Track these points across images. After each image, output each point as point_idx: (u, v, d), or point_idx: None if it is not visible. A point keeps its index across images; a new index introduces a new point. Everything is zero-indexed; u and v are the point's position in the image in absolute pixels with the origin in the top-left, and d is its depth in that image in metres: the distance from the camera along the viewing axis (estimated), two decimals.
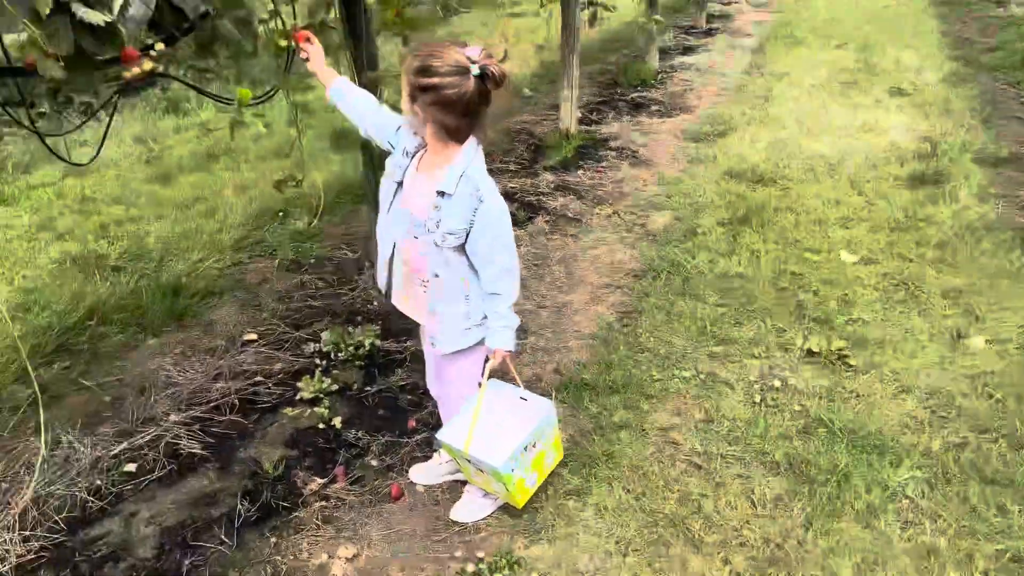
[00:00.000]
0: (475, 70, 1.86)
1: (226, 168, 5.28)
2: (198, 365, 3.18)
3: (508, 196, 4.71)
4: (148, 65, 1.84)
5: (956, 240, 3.94)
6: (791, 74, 7.30)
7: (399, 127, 2.13)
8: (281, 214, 4.47)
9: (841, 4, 10.92)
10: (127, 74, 1.84)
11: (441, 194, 1.97)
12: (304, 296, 3.69)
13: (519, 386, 2.28)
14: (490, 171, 2.06)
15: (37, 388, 2.72)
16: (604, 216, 4.54)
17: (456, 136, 1.96)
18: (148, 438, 2.76)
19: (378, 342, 3.27)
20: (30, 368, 2.90)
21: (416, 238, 2.05)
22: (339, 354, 3.21)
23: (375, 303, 3.61)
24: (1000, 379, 2.89)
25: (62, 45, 1.64)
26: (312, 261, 4.02)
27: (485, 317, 2.13)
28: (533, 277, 3.84)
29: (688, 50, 8.65)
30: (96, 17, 1.64)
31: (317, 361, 3.18)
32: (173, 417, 2.87)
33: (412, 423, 2.83)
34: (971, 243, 3.90)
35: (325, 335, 3.28)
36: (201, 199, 4.70)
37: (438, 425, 2.54)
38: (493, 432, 2.18)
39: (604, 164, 5.33)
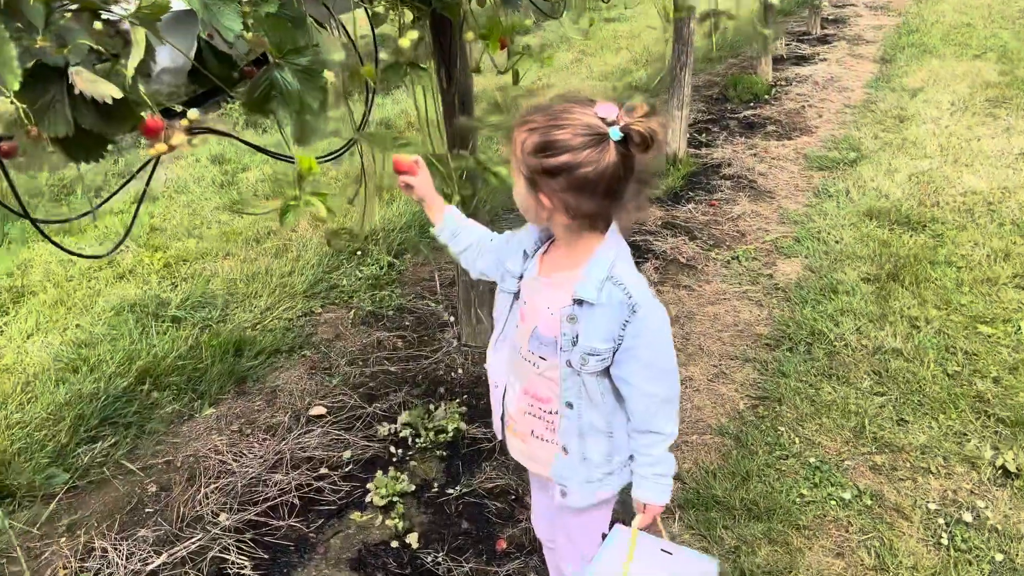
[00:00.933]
0: (614, 134, 1.34)
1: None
2: (256, 447, 2.75)
3: None
4: (178, 139, 1.38)
5: None
6: (925, 89, 6.49)
7: (508, 240, 1.65)
8: (359, 253, 4.04)
9: (971, 7, 9.90)
10: (151, 151, 1.38)
11: (579, 303, 1.46)
12: (380, 359, 3.22)
13: (664, 538, 1.70)
14: None
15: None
16: (722, 263, 3.94)
17: (596, 224, 1.45)
18: (192, 548, 2.34)
19: (463, 426, 2.77)
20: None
21: (544, 359, 1.55)
22: (417, 440, 2.73)
23: (460, 370, 3.12)
24: None
25: (56, 126, 1.19)
26: (391, 313, 3.56)
27: (630, 457, 1.60)
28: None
29: (802, 60, 7.88)
30: (106, 90, 1.17)
31: (392, 450, 2.70)
32: (224, 519, 2.44)
33: (502, 543, 2.33)
34: None
35: (403, 417, 2.81)
36: (274, 233, 4.31)
37: (540, 566, 2.02)
38: None
39: (718, 196, 4.72)
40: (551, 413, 1.58)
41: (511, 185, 1.51)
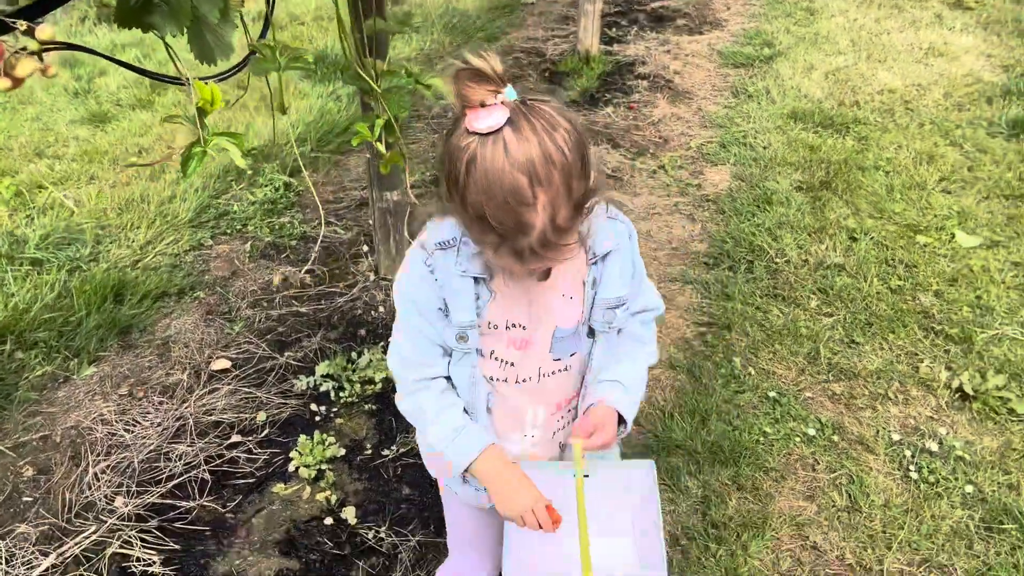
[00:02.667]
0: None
1: (177, 104, 4.28)
2: (152, 413, 2.37)
3: None
4: (28, 67, 0.96)
5: None
6: None
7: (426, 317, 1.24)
8: (249, 172, 3.55)
9: None
10: None
11: (600, 258, 1.21)
12: (287, 299, 2.85)
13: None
14: None
15: None
16: (648, 173, 3.71)
17: None
18: (86, 544, 1.99)
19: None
20: None
21: (574, 353, 1.28)
22: (341, 393, 2.42)
23: (381, 307, 2.80)
24: None
25: None
26: (294, 243, 3.16)
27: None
28: None
29: None
30: None
31: (313, 407, 2.39)
32: (121, 505, 2.09)
33: None
34: None
35: (321, 367, 2.48)
36: (146, 150, 3.74)
37: None
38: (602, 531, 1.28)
39: (635, 98, 4.44)
40: (573, 404, 1.33)
41: (445, 99, 1.16)
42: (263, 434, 2.31)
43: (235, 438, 2.29)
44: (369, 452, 2.25)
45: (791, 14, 5.62)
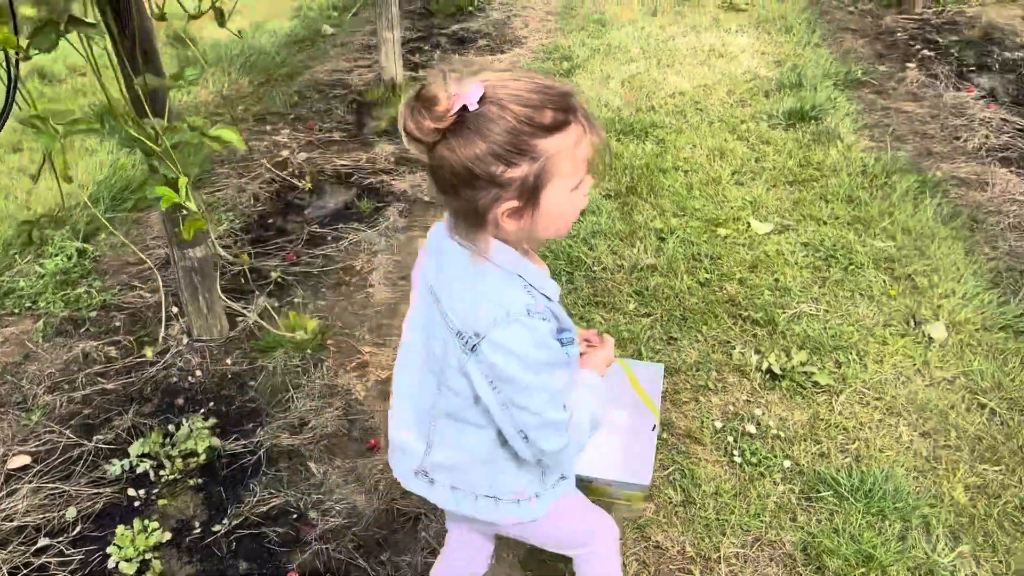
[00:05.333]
0: None
1: None
2: None
3: (343, 179, 3.78)
4: None
5: (862, 192, 3.55)
6: None
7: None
8: (38, 241, 3.26)
9: None
10: None
11: None
12: (91, 377, 2.63)
13: None
14: (309, 144, 1.42)
15: None
16: None
17: None
18: None
19: (216, 442, 2.34)
20: None
21: None
22: (162, 472, 2.26)
23: (198, 371, 2.64)
24: (981, 380, 2.50)
25: None
26: (94, 315, 2.92)
27: None
28: (405, 299, 3.01)
29: None
30: None
31: (132, 492, 2.21)
32: None
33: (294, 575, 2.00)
34: (879, 196, 3.52)
35: (136, 447, 2.30)
36: None
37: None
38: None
39: None
40: None
41: (239, 149, 1.15)
42: (75, 532, 2.10)
43: (42, 542, 2.07)
44: (199, 531, 2.10)
45: (584, 27, 5.87)
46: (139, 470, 2.26)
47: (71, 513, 2.14)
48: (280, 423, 2.43)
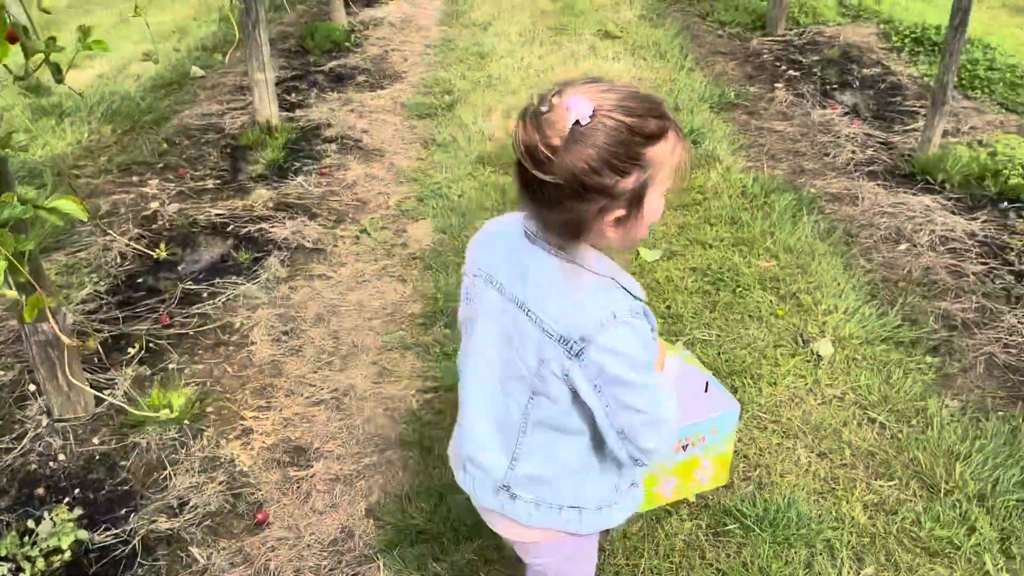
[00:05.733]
0: None
1: None
2: None
3: (219, 229, 3.58)
4: None
5: (744, 213, 3.63)
6: (494, 23, 6.70)
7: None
8: None
9: None
10: None
11: None
12: None
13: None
14: (182, 193, 1.30)
15: None
16: (351, 239, 3.60)
17: None
18: None
19: (84, 534, 2.12)
20: None
21: None
22: None
23: (60, 455, 2.40)
24: (868, 394, 2.56)
25: None
26: None
27: None
28: (290, 354, 2.85)
29: (373, 1, 7.67)
30: None
31: None
32: None
33: None
34: (759, 216, 3.61)
35: None
36: None
37: None
38: None
39: (327, 163, 4.33)
40: None
41: (79, 219, 1.01)
42: None
43: None
44: None
45: (464, 60, 5.85)
46: None
47: None
48: (156, 506, 2.23)
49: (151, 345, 2.85)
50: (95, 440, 2.44)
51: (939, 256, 3.35)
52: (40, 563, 2.04)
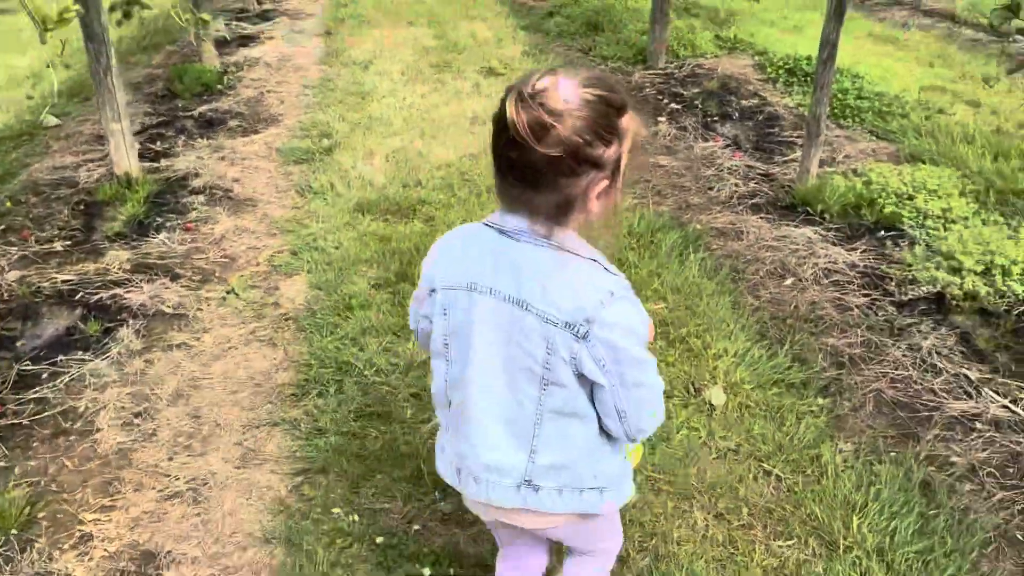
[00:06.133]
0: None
1: None
2: None
3: (66, 298, 3.24)
4: None
5: (631, 254, 3.55)
6: (375, 61, 6.53)
7: None
8: None
9: None
10: None
11: None
12: None
13: None
14: (25, 258, 1.57)
15: None
16: (217, 301, 3.32)
17: None
18: None
19: None
20: None
21: None
22: None
23: None
24: (763, 444, 2.48)
25: None
26: None
27: None
28: (141, 440, 2.55)
29: (249, 40, 7.37)
30: None
31: None
32: None
33: None
34: (647, 255, 3.54)
35: None
36: None
37: None
38: None
39: (192, 216, 4.03)
40: None
41: None
42: None
43: None
44: None
45: (343, 100, 5.64)
46: None
47: None
48: None
49: None
50: None
51: (823, 290, 3.35)
52: None
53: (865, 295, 3.32)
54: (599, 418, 1.33)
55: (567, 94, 1.13)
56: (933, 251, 3.51)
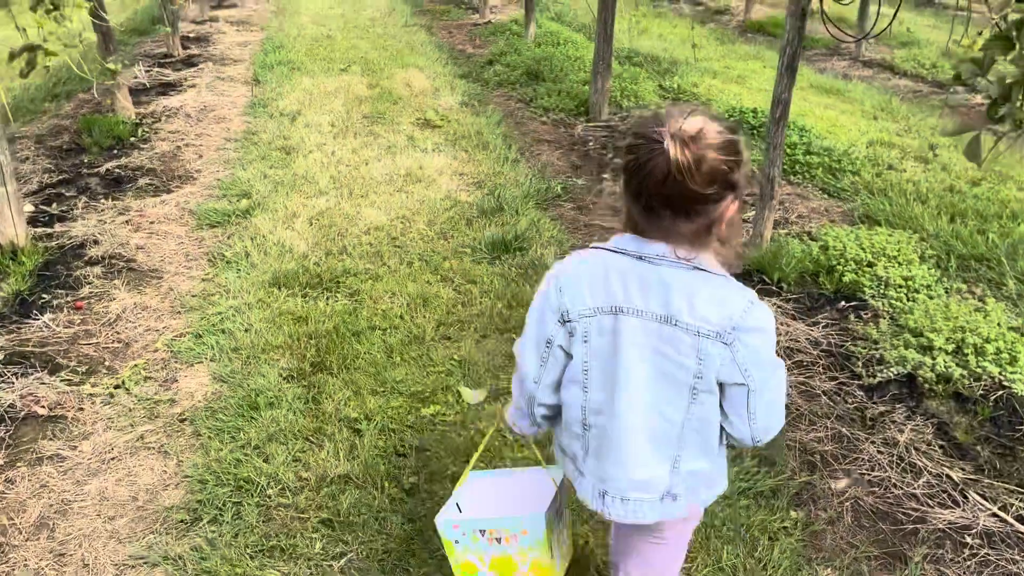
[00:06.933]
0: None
1: None
2: None
3: None
4: None
5: None
6: (303, 112, 6.16)
7: None
8: None
9: (327, 17, 10.14)
10: None
11: None
12: None
13: None
14: None
15: None
16: (103, 398, 2.87)
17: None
18: None
19: None
20: None
21: None
22: None
23: None
24: None
25: None
26: None
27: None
28: None
29: (169, 88, 6.93)
30: None
31: None
32: None
33: None
34: None
35: None
36: None
37: None
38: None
39: (85, 293, 3.56)
40: None
41: None
42: None
43: None
44: None
45: (266, 156, 5.24)
46: None
47: None
48: None
49: None
50: None
51: (787, 373, 3.05)
52: None
53: (832, 378, 3.05)
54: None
55: (711, 132, 1.26)
56: (900, 326, 3.27)
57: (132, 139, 5.55)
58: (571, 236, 4.20)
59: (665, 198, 1.29)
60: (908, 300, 3.48)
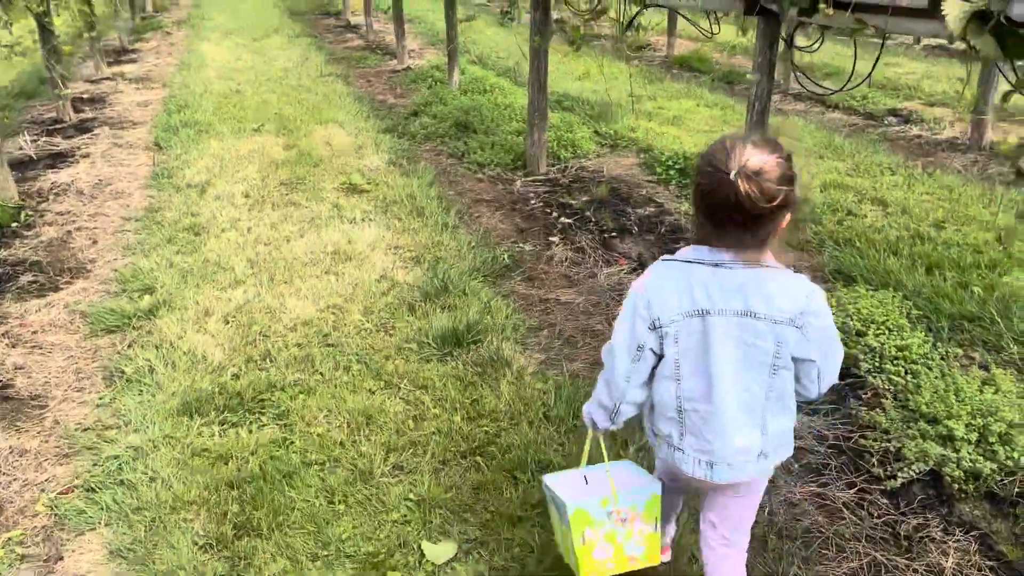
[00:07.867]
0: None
1: None
2: None
3: None
4: None
5: (554, 454, 2.73)
6: (213, 182, 5.55)
7: None
8: None
9: (235, 70, 9.52)
10: None
11: None
12: None
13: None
14: None
15: None
16: None
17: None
18: None
19: None
20: None
21: None
22: None
23: None
24: None
25: None
26: None
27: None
28: None
29: (59, 159, 6.22)
30: None
31: None
32: None
33: None
34: (574, 450, 2.73)
35: None
36: None
37: None
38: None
39: None
40: None
41: None
42: None
43: None
44: None
45: (172, 238, 4.62)
46: None
47: None
48: None
49: None
50: None
51: (799, 481, 2.65)
52: None
53: (849, 484, 2.65)
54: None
55: (771, 165, 1.51)
56: (911, 411, 2.90)
57: (14, 225, 4.87)
58: (528, 315, 3.73)
59: (734, 219, 1.55)
60: (907, 374, 3.13)
